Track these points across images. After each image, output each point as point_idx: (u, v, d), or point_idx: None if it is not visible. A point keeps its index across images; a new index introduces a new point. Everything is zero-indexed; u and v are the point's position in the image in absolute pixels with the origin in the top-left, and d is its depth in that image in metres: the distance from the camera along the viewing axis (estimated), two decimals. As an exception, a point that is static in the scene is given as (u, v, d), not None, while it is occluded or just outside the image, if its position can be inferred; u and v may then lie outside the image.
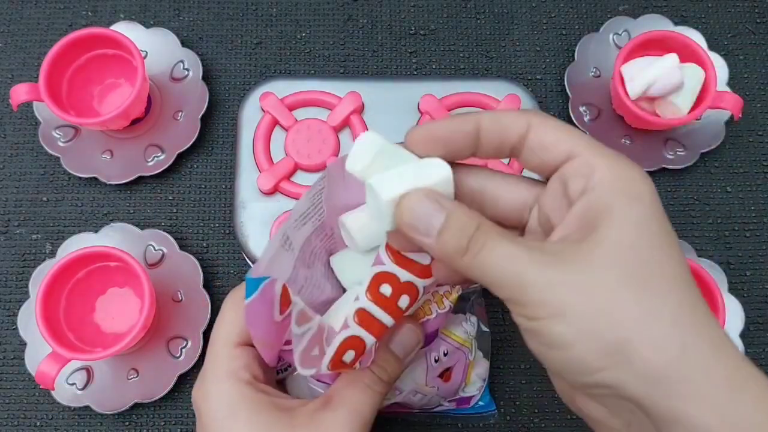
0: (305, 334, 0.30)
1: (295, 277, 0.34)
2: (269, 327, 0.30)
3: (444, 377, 0.40)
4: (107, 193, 0.53)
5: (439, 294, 0.36)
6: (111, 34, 0.50)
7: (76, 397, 0.47)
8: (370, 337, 0.31)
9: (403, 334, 0.34)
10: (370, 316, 0.31)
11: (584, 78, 0.55)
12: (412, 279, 0.32)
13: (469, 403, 0.44)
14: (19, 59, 0.56)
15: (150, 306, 0.45)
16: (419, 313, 0.35)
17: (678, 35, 0.51)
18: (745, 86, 0.56)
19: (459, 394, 0.43)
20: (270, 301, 0.29)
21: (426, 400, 0.41)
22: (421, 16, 0.57)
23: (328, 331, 0.31)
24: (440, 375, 0.40)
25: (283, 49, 0.57)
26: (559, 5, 0.58)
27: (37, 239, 0.52)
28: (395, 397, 0.39)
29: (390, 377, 0.34)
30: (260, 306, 0.29)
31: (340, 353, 0.31)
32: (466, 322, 0.41)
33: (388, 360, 0.34)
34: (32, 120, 0.54)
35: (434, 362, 0.39)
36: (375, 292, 0.31)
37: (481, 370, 0.43)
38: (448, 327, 0.40)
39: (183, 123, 0.53)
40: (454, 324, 0.41)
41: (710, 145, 0.53)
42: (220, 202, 0.53)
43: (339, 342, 0.30)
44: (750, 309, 0.49)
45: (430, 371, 0.39)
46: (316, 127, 0.49)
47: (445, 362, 0.40)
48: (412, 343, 0.34)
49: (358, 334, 0.31)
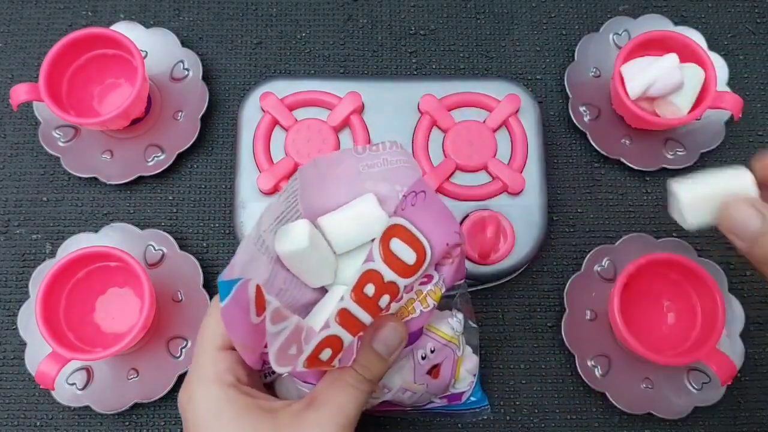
0: (281, 333, 0.30)
1: (273, 279, 0.35)
2: (248, 329, 0.30)
3: (433, 374, 0.40)
4: (107, 193, 0.53)
5: (423, 293, 0.36)
6: (111, 34, 0.50)
7: (76, 397, 0.47)
8: (347, 336, 0.32)
9: (387, 333, 0.34)
10: (351, 315, 0.32)
11: (584, 78, 0.55)
12: (395, 278, 0.32)
13: (460, 399, 0.44)
14: (19, 59, 0.56)
15: (150, 306, 0.45)
16: (403, 311, 0.36)
17: (678, 35, 0.51)
18: (745, 86, 0.56)
19: (449, 391, 0.43)
20: (245, 304, 0.29)
21: (416, 398, 0.41)
22: (421, 16, 0.57)
23: (307, 331, 0.31)
24: (429, 372, 0.40)
25: (283, 49, 0.57)
26: (559, 5, 0.58)
27: (37, 239, 0.52)
28: (384, 395, 0.40)
29: (374, 376, 0.34)
30: (236, 309, 0.29)
31: (317, 352, 0.31)
32: (452, 318, 0.41)
33: (372, 359, 0.34)
34: (32, 120, 0.54)
35: (421, 360, 0.39)
36: (359, 293, 0.32)
37: (471, 366, 0.43)
38: (434, 324, 0.40)
39: (183, 123, 0.53)
40: (440, 321, 0.41)
41: (710, 145, 0.53)
42: (220, 202, 0.53)
43: (317, 341, 0.31)
44: (750, 309, 0.49)
45: (417, 369, 0.39)
46: (316, 127, 0.49)
47: (433, 359, 0.40)
48: (396, 341, 0.35)
49: (337, 333, 0.31)
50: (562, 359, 0.50)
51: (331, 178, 0.36)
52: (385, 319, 0.34)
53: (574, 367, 0.48)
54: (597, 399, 0.49)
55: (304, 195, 0.35)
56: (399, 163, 0.36)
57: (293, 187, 0.35)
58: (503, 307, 0.51)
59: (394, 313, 0.35)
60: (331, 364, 0.32)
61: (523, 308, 0.51)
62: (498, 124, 0.49)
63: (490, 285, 0.50)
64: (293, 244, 0.34)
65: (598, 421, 0.49)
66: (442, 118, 0.49)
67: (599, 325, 0.49)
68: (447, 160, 0.49)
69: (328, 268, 0.36)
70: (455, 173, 0.49)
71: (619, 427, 0.49)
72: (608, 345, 0.49)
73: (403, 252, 0.32)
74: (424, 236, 0.33)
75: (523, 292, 0.52)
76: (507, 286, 0.51)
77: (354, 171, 0.36)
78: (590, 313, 0.49)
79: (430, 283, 0.36)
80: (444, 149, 0.49)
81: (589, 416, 0.49)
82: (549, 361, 0.50)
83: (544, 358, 0.50)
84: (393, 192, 0.36)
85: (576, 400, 0.49)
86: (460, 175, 0.49)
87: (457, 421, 0.48)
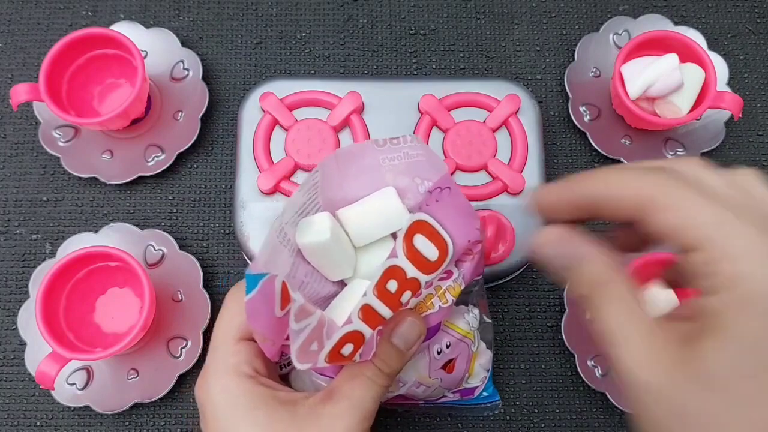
0: (303, 330, 0.30)
1: (295, 272, 0.35)
2: (270, 322, 0.31)
3: (447, 369, 0.40)
4: (107, 193, 0.53)
5: (441, 289, 0.36)
6: (111, 34, 0.50)
7: (76, 397, 0.47)
8: (368, 330, 0.32)
9: (405, 328, 0.34)
10: (374, 311, 0.32)
11: (584, 78, 0.55)
12: (417, 275, 0.32)
13: (473, 393, 0.44)
14: (19, 59, 0.56)
15: (150, 306, 0.45)
16: (422, 307, 0.36)
17: (678, 35, 0.51)
18: (745, 86, 0.56)
19: (463, 385, 0.43)
20: (270, 298, 0.29)
21: (430, 392, 0.41)
22: (421, 16, 0.57)
23: (329, 326, 0.31)
24: (443, 367, 0.40)
25: (283, 49, 0.57)
26: (559, 5, 0.58)
27: (37, 239, 0.52)
28: (399, 389, 0.39)
29: (392, 370, 0.34)
30: (261, 302, 0.29)
31: (338, 347, 0.31)
32: (468, 313, 0.41)
33: (391, 353, 0.34)
34: (32, 120, 0.54)
35: (437, 354, 0.39)
36: (382, 289, 0.32)
37: (484, 361, 0.43)
38: (451, 319, 0.40)
39: (183, 123, 0.53)
40: (456, 316, 0.40)
41: (710, 145, 0.53)
42: (220, 202, 0.53)
43: (339, 336, 0.31)
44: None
45: (433, 363, 0.39)
46: (316, 127, 0.49)
47: (448, 354, 0.39)
48: (414, 336, 0.34)
49: (359, 328, 0.31)
50: (562, 359, 0.50)
51: (352, 171, 0.36)
52: (404, 313, 0.34)
53: (574, 367, 0.48)
54: (597, 399, 0.49)
55: (325, 187, 0.36)
56: (418, 156, 0.37)
57: (314, 179, 0.35)
58: (503, 307, 0.51)
59: (412, 308, 0.35)
60: (352, 359, 0.32)
61: (523, 308, 0.51)
62: (498, 124, 0.49)
63: (490, 285, 0.50)
64: (315, 236, 0.34)
65: (598, 421, 0.49)
66: (442, 118, 0.49)
67: (599, 325, 0.49)
68: (447, 160, 0.49)
69: (347, 261, 0.36)
70: (455, 173, 0.49)
71: (619, 427, 0.49)
72: (608, 345, 0.49)
73: (426, 248, 0.32)
74: (447, 233, 0.33)
75: (523, 292, 0.52)
76: (507, 286, 0.51)
77: (375, 163, 0.36)
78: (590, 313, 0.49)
79: (449, 278, 0.36)
80: (444, 149, 0.49)
81: (589, 416, 0.49)
82: (549, 361, 0.50)
83: (544, 358, 0.50)
84: (413, 185, 0.37)
85: (576, 400, 0.49)
86: (460, 175, 0.49)
87: (467, 414, 0.48)
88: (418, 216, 0.33)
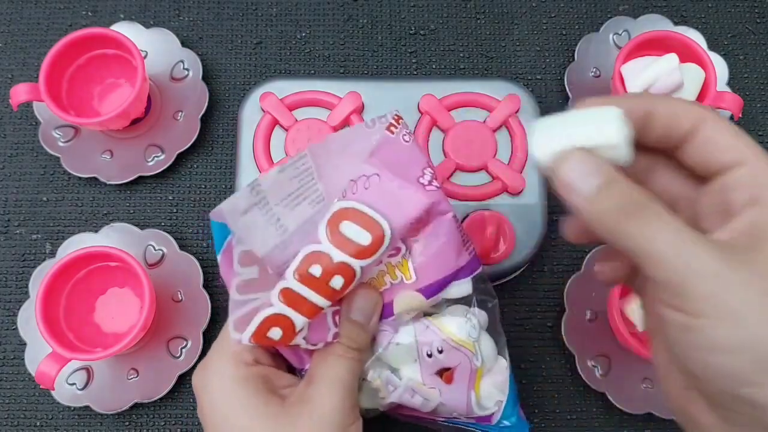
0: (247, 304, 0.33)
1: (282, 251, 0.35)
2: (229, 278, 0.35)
3: (444, 378, 0.38)
4: (107, 193, 0.53)
5: (391, 264, 0.36)
6: (111, 34, 0.50)
7: (76, 397, 0.47)
8: (299, 317, 0.33)
9: (359, 301, 0.35)
10: (298, 295, 0.33)
11: (584, 78, 0.55)
12: (348, 260, 0.33)
13: (490, 420, 0.39)
14: (19, 59, 0.56)
15: (150, 306, 0.45)
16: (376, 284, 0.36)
17: (678, 35, 0.51)
18: (745, 86, 0.56)
19: (475, 411, 0.39)
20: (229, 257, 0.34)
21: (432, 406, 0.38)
22: (421, 16, 0.57)
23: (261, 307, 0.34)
24: (438, 373, 0.38)
25: (283, 49, 0.57)
26: (559, 5, 0.58)
27: (37, 239, 0.52)
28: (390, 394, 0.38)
29: (359, 344, 0.36)
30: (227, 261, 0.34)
31: (263, 329, 0.33)
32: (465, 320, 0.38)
33: (352, 329, 0.35)
34: (32, 120, 0.54)
35: (427, 356, 0.37)
36: (303, 272, 0.33)
37: (500, 379, 0.39)
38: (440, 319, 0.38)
39: (183, 123, 0.53)
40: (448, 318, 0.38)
41: (710, 145, 0.53)
42: (220, 202, 0.53)
43: (261, 319, 0.33)
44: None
45: (424, 366, 0.37)
46: (316, 127, 0.49)
47: (442, 360, 0.37)
48: (370, 305, 0.36)
49: (284, 312, 0.33)
50: (562, 359, 0.50)
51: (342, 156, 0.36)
52: (356, 289, 0.35)
53: (574, 367, 0.48)
54: (597, 399, 0.49)
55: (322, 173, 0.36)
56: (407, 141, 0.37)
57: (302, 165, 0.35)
58: (503, 307, 0.51)
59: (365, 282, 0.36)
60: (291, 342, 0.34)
61: (523, 308, 0.51)
62: (498, 124, 0.49)
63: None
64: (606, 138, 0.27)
65: (598, 421, 0.49)
66: (442, 118, 0.49)
67: (599, 325, 0.49)
68: (447, 160, 0.49)
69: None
70: (455, 173, 0.49)
71: (619, 427, 0.49)
72: (608, 345, 0.49)
73: (355, 234, 0.33)
74: (381, 215, 0.34)
75: (523, 292, 0.52)
76: (507, 286, 0.51)
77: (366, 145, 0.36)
78: (590, 313, 0.49)
79: (398, 254, 0.36)
80: (444, 149, 0.49)
81: (589, 416, 0.49)
82: (549, 361, 0.50)
83: (544, 358, 0.50)
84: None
85: (576, 400, 0.49)
86: (460, 175, 0.49)
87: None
88: (342, 204, 0.34)
